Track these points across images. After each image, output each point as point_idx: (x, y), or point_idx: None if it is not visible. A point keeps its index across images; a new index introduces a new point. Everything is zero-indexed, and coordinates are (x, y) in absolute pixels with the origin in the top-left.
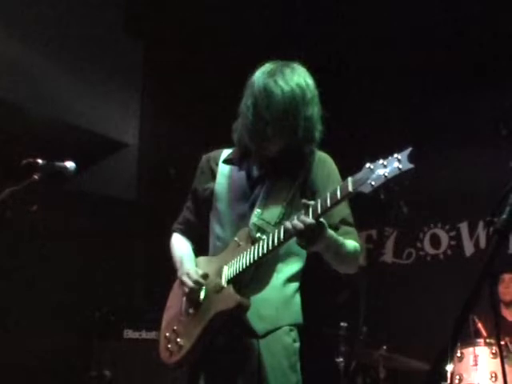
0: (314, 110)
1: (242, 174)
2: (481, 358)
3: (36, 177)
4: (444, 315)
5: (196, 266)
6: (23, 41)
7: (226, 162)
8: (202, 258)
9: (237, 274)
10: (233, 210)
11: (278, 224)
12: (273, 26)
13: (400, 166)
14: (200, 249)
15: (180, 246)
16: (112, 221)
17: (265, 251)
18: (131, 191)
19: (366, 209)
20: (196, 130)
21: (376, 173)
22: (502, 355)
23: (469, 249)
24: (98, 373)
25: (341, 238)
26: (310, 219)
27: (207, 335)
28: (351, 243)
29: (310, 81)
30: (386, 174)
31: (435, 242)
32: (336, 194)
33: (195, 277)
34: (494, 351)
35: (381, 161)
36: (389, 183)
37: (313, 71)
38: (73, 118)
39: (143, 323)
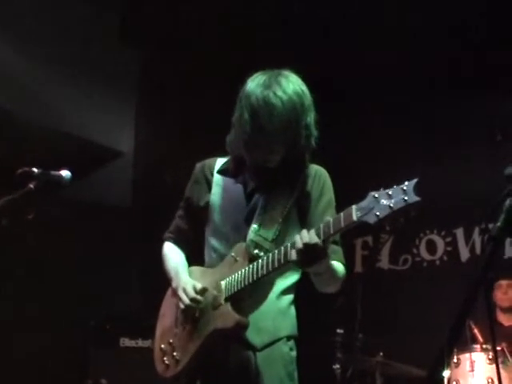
0: (312, 117)
1: (238, 185)
2: (477, 364)
3: (31, 185)
4: (440, 321)
5: (190, 276)
6: (19, 50)
7: (220, 172)
8: (195, 268)
9: (235, 292)
10: (228, 222)
11: (274, 240)
12: (273, 34)
13: (406, 198)
14: (192, 258)
15: (173, 255)
16: (107, 229)
17: (264, 272)
18: (126, 199)
19: None
20: (191, 138)
21: (381, 202)
22: (498, 361)
23: (464, 255)
24: (95, 381)
25: (332, 262)
26: (317, 238)
27: (204, 351)
28: (339, 266)
29: (305, 87)
30: (392, 205)
31: (431, 248)
32: (340, 222)
33: (192, 294)
34: (490, 357)
35: (386, 190)
36: (394, 215)
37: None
38: (68, 126)
39: (139, 331)
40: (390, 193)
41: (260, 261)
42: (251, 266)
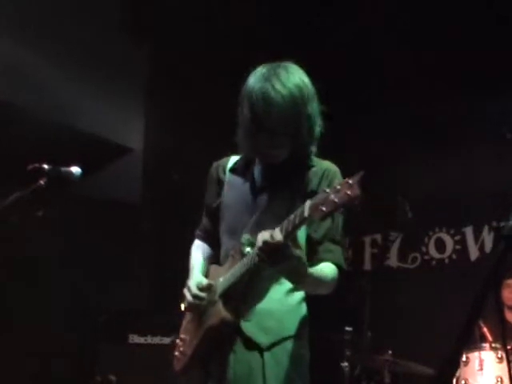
0: (314, 107)
1: (247, 184)
2: (486, 363)
3: (42, 182)
4: (449, 320)
5: (207, 274)
6: (28, 45)
7: (232, 170)
8: (213, 266)
9: (226, 288)
10: (238, 221)
11: None
12: (277, 29)
13: (349, 192)
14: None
15: (195, 254)
16: (117, 225)
17: (243, 272)
18: (135, 195)
19: (371, 213)
20: (200, 135)
21: (330, 198)
22: (509, 359)
23: (474, 253)
24: (103, 377)
25: (316, 271)
26: (280, 235)
27: (203, 347)
28: (328, 270)
29: (306, 78)
30: (336, 200)
31: (440, 246)
32: (295, 218)
33: (194, 291)
34: (499, 356)
35: (336, 185)
36: (339, 208)
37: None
38: (78, 122)
39: (148, 328)
40: (339, 187)
41: (245, 259)
42: (239, 263)
